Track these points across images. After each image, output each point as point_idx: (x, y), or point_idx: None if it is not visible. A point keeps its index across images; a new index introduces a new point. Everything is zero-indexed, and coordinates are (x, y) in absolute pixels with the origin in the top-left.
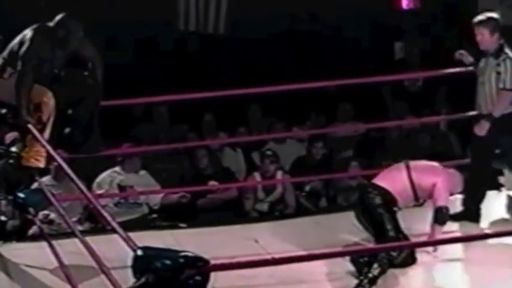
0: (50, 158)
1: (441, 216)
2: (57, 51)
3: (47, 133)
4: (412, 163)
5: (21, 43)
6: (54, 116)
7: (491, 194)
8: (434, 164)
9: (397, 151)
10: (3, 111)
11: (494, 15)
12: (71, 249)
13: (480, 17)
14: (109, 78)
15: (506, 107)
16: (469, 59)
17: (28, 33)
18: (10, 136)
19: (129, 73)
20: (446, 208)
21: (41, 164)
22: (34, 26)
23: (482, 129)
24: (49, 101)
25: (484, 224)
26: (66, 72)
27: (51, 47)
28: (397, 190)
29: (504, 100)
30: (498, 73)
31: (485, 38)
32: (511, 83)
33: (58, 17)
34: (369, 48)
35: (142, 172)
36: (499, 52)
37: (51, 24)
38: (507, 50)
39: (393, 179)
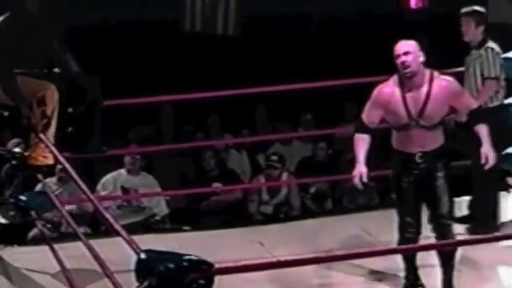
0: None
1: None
2: (31, 33)
3: (52, 127)
4: None
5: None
6: (58, 111)
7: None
8: None
9: None
10: (6, 113)
11: (481, 8)
12: (73, 252)
13: (467, 9)
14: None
15: (488, 96)
16: None
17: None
18: (14, 142)
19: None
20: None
21: (50, 161)
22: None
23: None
24: (53, 93)
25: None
26: (63, 69)
27: (26, 34)
28: None
29: (488, 89)
30: (481, 64)
31: (470, 30)
32: (492, 71)
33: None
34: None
35: (144, 174)
36: (481, 44)
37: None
38: (490, 43)
39: None
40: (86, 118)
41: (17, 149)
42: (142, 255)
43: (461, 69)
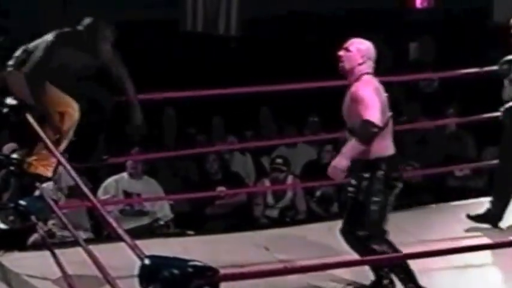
0: (56, 169)
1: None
2: (84, 57)
3: (63, 145)
4: None
5: (41, 44)
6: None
7: None
8: None
9: (410, 153)
10: (5, 110)
11: None
12: (75, 258)
13: None
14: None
15: None
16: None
17: (50, 36)
18: (9, 147)
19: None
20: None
21: (49, 174)
22: (59, 31)
23: None
24: (74, 113)
25: (506, 229)
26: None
27: (74, 52)
28: None
29: None
30: None
31: None
32: None
33: (86, 21)
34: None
35: (146, 177)
36: None
37: (79, 27)
38: None
39: None
40: (93, 133)
41: (14, 155)
42: (147, 261)
43: (470, 70)
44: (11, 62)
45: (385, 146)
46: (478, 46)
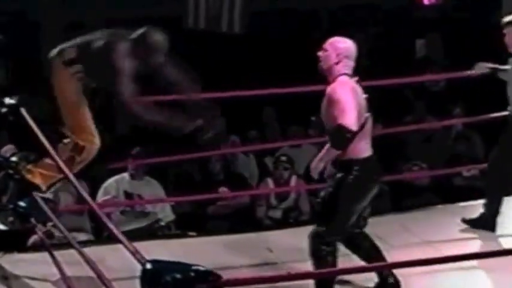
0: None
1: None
2: (134, 64)
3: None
4: None
5: (101, 49)
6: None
7: (510, 200)
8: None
9: (417, 153)
10: (4, 110)
11: None
12: (74, 259)
13: (510, 17)
14: None
15: None
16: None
17: (113, 39)
18: (7, 149)
19: None
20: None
21: (43, 187)
22: (120, 34)
23: None
24: (92, 151)
25: (502, 232)
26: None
27: (128, 59)
28: None
29: None
30: None
31: None
32: None
33: (140, 31)
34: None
35: (147, 178)
36: None
37: (133, 36)
38: None
39: None
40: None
41: (13, 158)
42: (148, 265)
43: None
44: (54, 54)
45: (359, 148)
46: (486, 44)
